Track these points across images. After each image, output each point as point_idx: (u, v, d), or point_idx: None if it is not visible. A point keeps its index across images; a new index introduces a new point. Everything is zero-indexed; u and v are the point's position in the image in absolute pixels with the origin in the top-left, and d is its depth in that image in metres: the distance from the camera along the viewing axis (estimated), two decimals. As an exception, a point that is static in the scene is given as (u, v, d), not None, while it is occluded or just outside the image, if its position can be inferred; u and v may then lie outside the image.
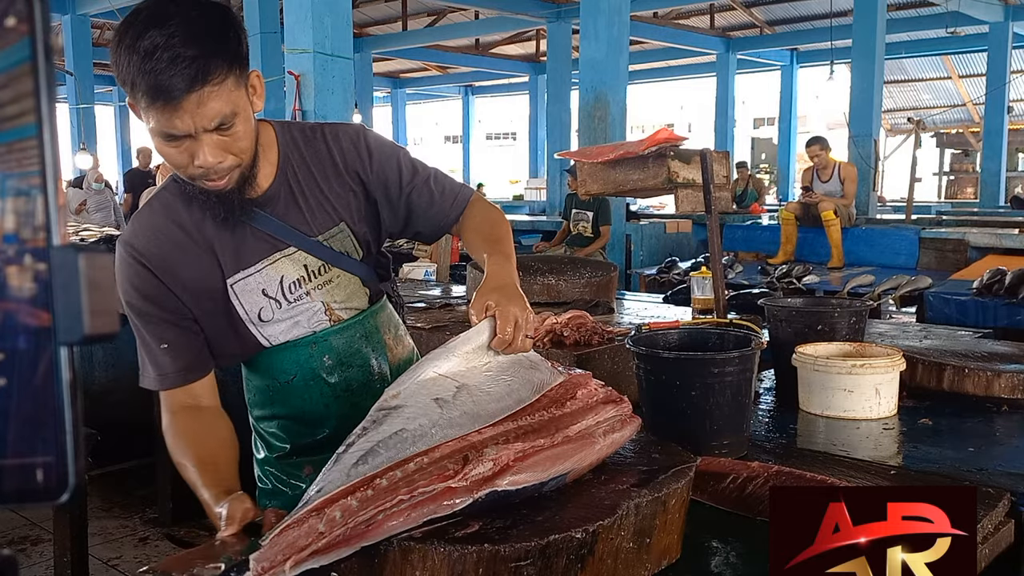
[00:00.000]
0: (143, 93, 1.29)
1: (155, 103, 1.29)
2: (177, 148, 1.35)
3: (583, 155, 2.83)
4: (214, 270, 1.53)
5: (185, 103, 1.29)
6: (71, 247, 0.45)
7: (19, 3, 0.45)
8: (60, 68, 11.78)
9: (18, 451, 0.46)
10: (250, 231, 1.52)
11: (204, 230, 1.51)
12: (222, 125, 1.35)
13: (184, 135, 1.33)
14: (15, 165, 0.46)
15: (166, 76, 1.27)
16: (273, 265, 1.54)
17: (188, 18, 1.30)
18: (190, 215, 1.51)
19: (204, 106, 1.31)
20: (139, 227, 1.53)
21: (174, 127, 1.31)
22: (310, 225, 1.56)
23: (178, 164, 1.39)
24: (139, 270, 1.50)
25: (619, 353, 2.50)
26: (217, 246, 1.52)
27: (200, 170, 1.38)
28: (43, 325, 0.45)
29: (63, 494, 0.46)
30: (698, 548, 1.42)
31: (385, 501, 1.15)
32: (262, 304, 1.55)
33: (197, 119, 1.31)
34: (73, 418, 0.46)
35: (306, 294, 1.57)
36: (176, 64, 1.27)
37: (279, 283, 1.55)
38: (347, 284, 1.61)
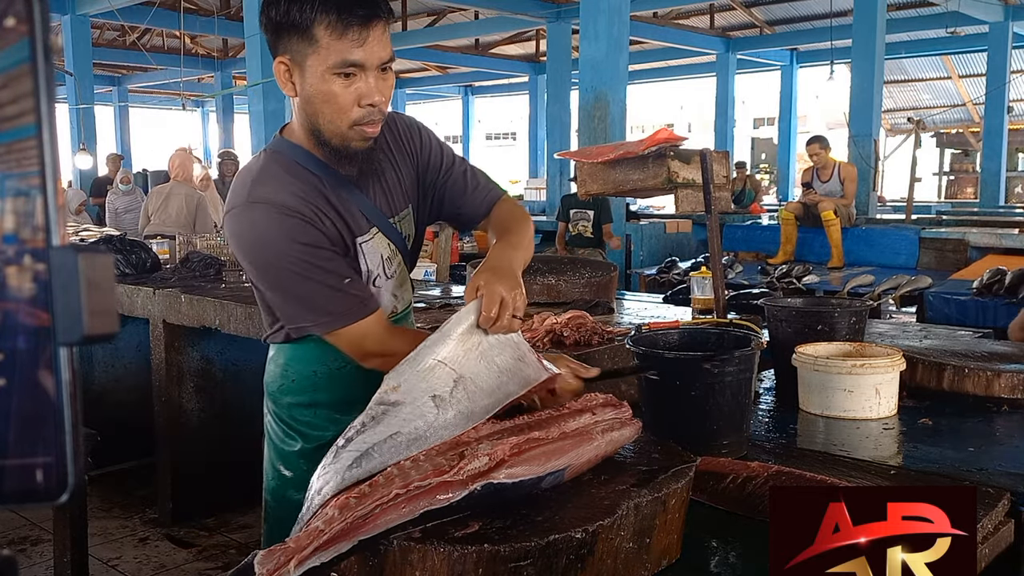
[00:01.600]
0: (332, 26, 1.39)
1: (346, 32, 1.40)
2: (347, 87, 1.44)
3: (583, 155, 2.83)
4: (345, 227, 1.57)
5: (371, 31, 1.42)
6: (71, 247, 0.45)
7: (19, 3, 0.45)
8: (60, 68, 11.78)
9: (18, 451, 0.46)
10: (350, 203, 1.57)
11: (314, 191, 1.54)
12: (389, 61, 1.47)
13: (361, 65, 1.42)
14: (15, 165, 0.46)
15: (357, 6, 1.40)
16: (376, 237, 1.61)
17: None
18: (304, 181, 1.54)
19: (382, 39, 1.44)
20: (272, 188, 1.52)
21: (357, 55, 1.41)
22: (388, 204, 1.62)
23: (344, 105, 1.45)
24: (296, 223, 1.50)
25: (619, 353, 2.50)
26: (340, 207, 1.56)
27: (366, 110, 1.46)
28: (43, 325, 0.45)
29: (63, 494, 0.46)
30: (698, 548, 1.42)
31: (381, 496, 1.15)
32: (376, 270, 1.61)
33: (376, 50, 1.43)
34: (73, 418, 0.46)
35: (388, 277, 1.64)
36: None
37: (386, 257, 1.63)
38: (403, 273, 1.68)
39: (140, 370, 4.62)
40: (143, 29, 15.24)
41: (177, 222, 6.49)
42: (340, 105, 1.45)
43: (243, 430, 4.03)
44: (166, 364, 4.04)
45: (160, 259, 4.70)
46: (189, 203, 6.67)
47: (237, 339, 3.93)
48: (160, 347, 4.04)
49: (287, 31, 1.43)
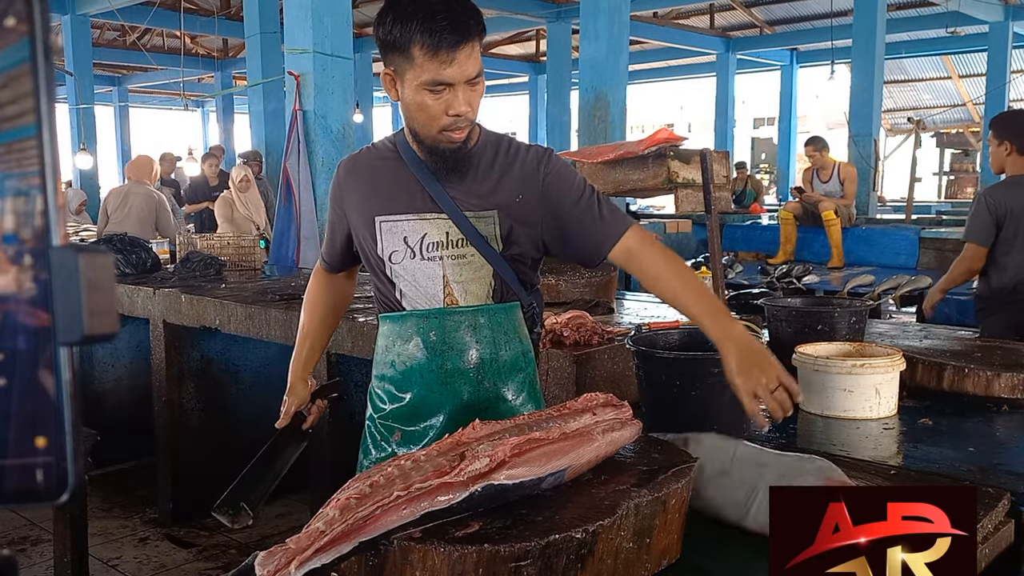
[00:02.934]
0: (425, 47, 1.58)
1: (437, 54, 1.58)
2: (437, 99, 1.62)
3: (583, 155, 2.83)
4: (373, 205, 1.79)
5: (460, 53, 1.59)
6: (70, 247, 0.45)
7: (19, 3, 0.45)
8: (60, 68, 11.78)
9: (18, 451, 0.46)
10: (418, 185, 1.75)
11: (383, 171, 1.80)
12: (476, 77, 1.64)
13: (449, 84, 1.61)
14: (15, 165, 0.46)
15: (448, 31, 1.58)
16: (421, 221, 1.75)
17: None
18: (380, 159, 1.82)
19: (470, 58, 1.61)
20: (349, 158, 1.90)
21: (446, 75, 1.60)
22: (467, 201, 1.75)
23: (434, 114, 1.64)
24: (334, 189, 1.88)
25: (619, 353, 2.50)
26: (385, 186, 1.79)
27: (453, 118, 1.64)
28: (43, 325, 0.45)
29: (63, 494, 0.46)
30: (698, 548, 1.42)
31: (382, 497, 1.15)
32: (396, 248, 1.76)
33: (464, 69, 1.61)
34: (73, 418, 0.46)
35: (438, 259, 1.75)
36: (456, 23, 1.59)
37: (420, 238, 1.75)
38: (477, 267, 1.75)
39: (140, 370, 4.62)
40: (143, 29, 15.23)
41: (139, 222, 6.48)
42: (431, 115, 1.65)
43: (243, 430, 4.03)
44: (166, 364, 4.04)
45: (160, 259, 4.70)
46: (148, 203, 6.67)
47: (237, 339, 3.93)
48: (160, 347, 4.04)
49: (390, 47, 1.64)
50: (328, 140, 5.59)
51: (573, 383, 2.40)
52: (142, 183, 6.79)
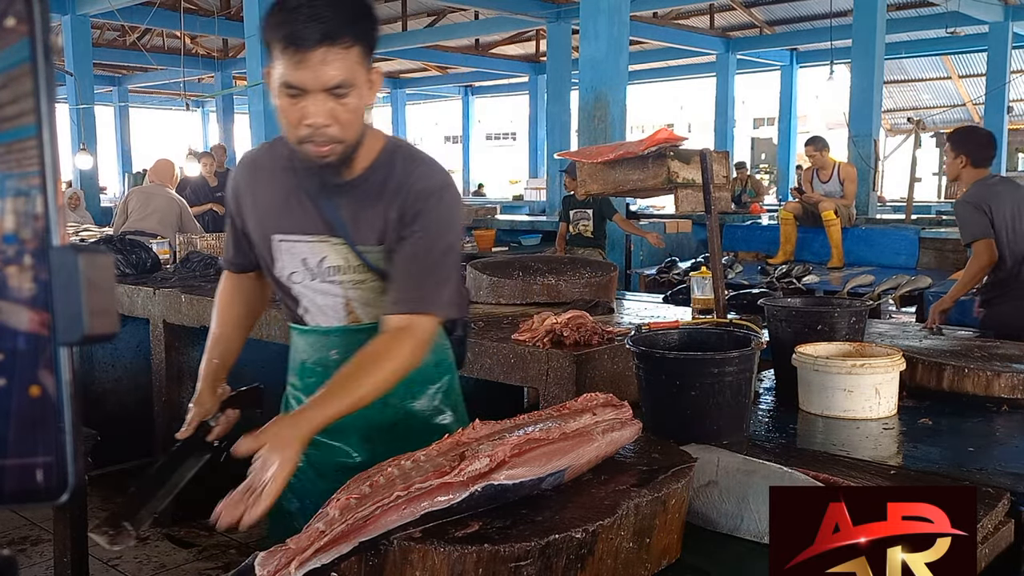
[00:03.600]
0: (279, 42, 1.45)
1: (287, 50, 1.44)
2: (294, 105, 1.48)
3: (583, 155, 2.83)
4: (269, 220, 1.69)
5: (312, 55, 1.43)
6: (71, 247, 0.45)
7: (19, 3, 0.45)
8: (60, 68, 11.77)
9: (18, 451, 0.46)
10: (313, 205, 1.64)
11: (278, 182, 1.67)
12: (338, 87, 1.46)
13: (302, 88, 1.45)
14: (15, 165, 0.46)
15: (300, 26, 1.43)
16: (321, 244, 1.66)
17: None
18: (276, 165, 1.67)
19: (327, 64, 1.44)
20: (248, 157, 1.78)
21: (296, 78, 1.45)
22: (359, 232, 1.64)
23: (290, 121, 1.50)
24: (232, 192, 1.75)
25: (619, 353, 2.50)
26: (280, 200, 1.67)
27: (307, 130, 1.49)
28: (43, 325, 0.45)
29: (63, 494, 0.46)
30: (698, 548, 1.42)
31: (382, 497, 1.15)
32: (295, 268, 1.68)
33: (319, 74, 1.44)
34: (73, 418, 0.46)
35: (339, 283, 1.67)
36: (312, 19, 1.43)
37: (319, 260, 1.67)
38: (378, 290, 1.67)
39: (140, 370, 4.62)
40: (143, 29, 15.23)
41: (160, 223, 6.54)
42: (288, 121, 1.51)
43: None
44: (166, 364, 4.04)
45: (160, 259, 4.70)
46: (171, 205, 6.77)
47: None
48: (160, 347, 4.04)
49: (266, 43, 1.50)
50: (328, 140, 5.58)
51: (573, 383, 2.40)
52: (164, 187, 6.92)
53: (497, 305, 3.34)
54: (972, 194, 3.99)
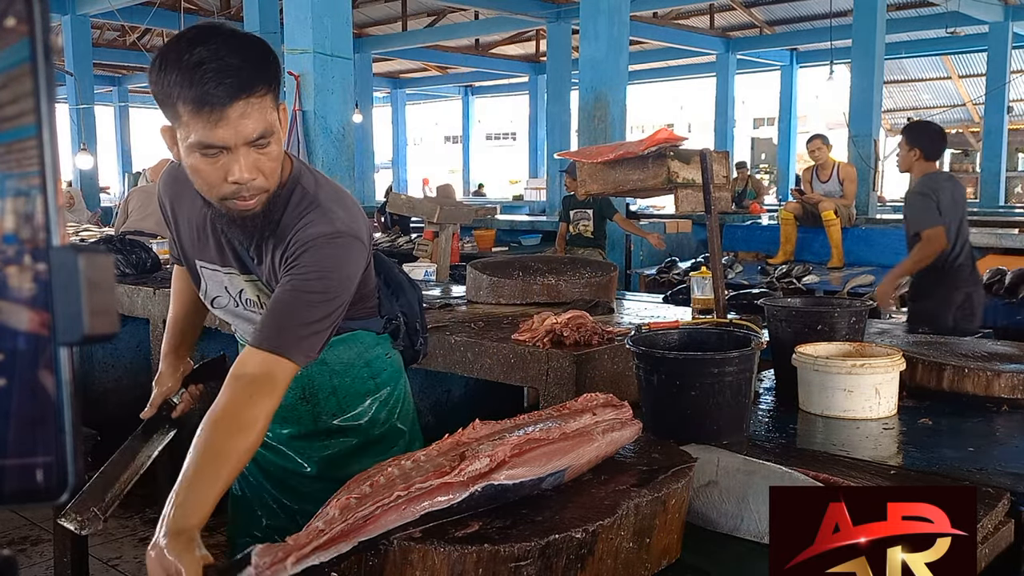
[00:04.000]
0: (188, 103, 1.33)
1: (201, 112, 1.33)
2: (213, 164, 1.38)
3: (583, 155, 2.83)
4: (192, 245, 1.67)
5: (230, 111, 1.34)
6: (71, 247, 0.45)
7: (19, 3, 0.45)
8: (60, 68, 11.77)
9: (18, 451, 0.46)
10: (228, 242, 1.61)
11: (199, 207, 1.60)
12: (260, 139, 1.39)
13: (223, 147, 1.36)
14: (15, 165, 0.46)
15: (213, 85, 1.31)
16: (237, 277, 1.65)
17: (230, 37, 1.36)
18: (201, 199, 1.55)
19: (247, 117, 1.35)
20: (173, 176, 1.68)
21: (216, 137, 1.35)
22: (264, 272, 1.60)
23: (212, 182, 1.41)
24: (161, 199, 1.72)
25: (619, 353, 2.50)
26: (201, 227, 1.63)
27: (233, 187, 1.41)
28: (43, 325, 0.45)
29: (63, 494, 0.46)
30: (698, 548, 1.42)
31: (383, 497, 1.15)
32: (219, 294, 1.69)
33: (240, 129, 1.35)
34: (73, 418, 0.46)
35: (259, 311, 1.64)
36: (223, 73, 1.32)
37: (239, 292, 1.67)
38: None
39: (140, 370, 4.61)
40: (143, 29, 15.22)
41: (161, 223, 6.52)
42: (208, 181, 1.42)
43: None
44: (166, 364, 4.03)
45: (160, 259, 4.70)
46: None
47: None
48: (160, 347, 4.04)
49: (160, 102, 1.38)
50: (328, 140, 5.59)
51: (573, 383, 2.40)
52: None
53: (497, 305, 3.34)
54: (923, 184, 4.26)
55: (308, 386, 1.79)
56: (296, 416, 1.80)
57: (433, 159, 30.54)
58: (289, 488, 1.86)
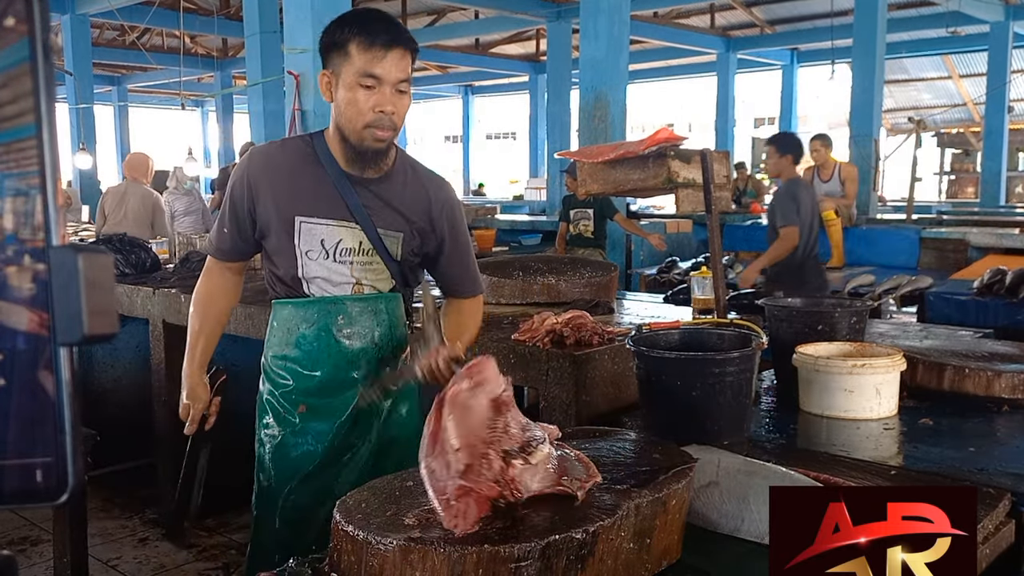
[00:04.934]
0: (362, 41, 1.77)
1: (372, 47, 1.77)
2: (368, 95, 1.79)
3: (583, 155, 2.83)
4: (293, 204, 1.91)
5: (393, 51, 1.79)
6: (70, 247, 0.45)
7: (19, 3, 0.44)
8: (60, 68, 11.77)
9: (18, 451, 0.46)
10: (337, 193, 1.90)
11: (302, 172, 1.91)
12: (403, 83, 1.82)
13: (380, 78, 1.78)
14: (15, 165, 0.46)
15: (383, 32, 1.79)
16: (339, 228, 1.91)
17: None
18: (298, 159, 1.92)
19: (403, 60, 1.81)
20: (261, 153, 1.98)
21: (378, 67, 1.77)
22: (381, 218, 1.93)
23: (363, 109, 1.80)
24: (244, 179, 1.93)
25: (619, 353, 2.50)
26: (305, 188, 1.90)
27: (378, 115, 1.80)
28: (43, 325, 0.45)
29: (63, 494, 0.46)
30: (698, 548, 1.41)
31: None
32: (312, 247, 1.91)
33: (397, 67, 1.80)
34: (73, 418, 0.46)
35: (350, 263, 1.93)
36: (392, 27, 1.82)
37: (336, 243, 1.92)
38: (381, 271, 1.96)
39: (140, 370, 4.61)
40: (143, 29, 15.22)
41: (135, 222, 6.43)
42: (359, 108, 1.80)
43: (243, 430, 4.03)
44: (166, 364, 4.03)
45: (160, 259, 4.70)
46: (145, 203, 6.60)
47: (237, 339, 3.92)
48: (160, 347, 4.04)
49: (332, 49, 1.82)
50: (328, 140, 5.58)
51: (573, 383, 2.40)
52: (139, 182, 6.73)
53: (497, 305, 3.34)
54: (791, 186, 4.91)
55: (373, 332, 1.98)
56: (365, 361, 1.97)
57: (433, 159, 30.54)
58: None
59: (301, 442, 1.97)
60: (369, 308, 1.97)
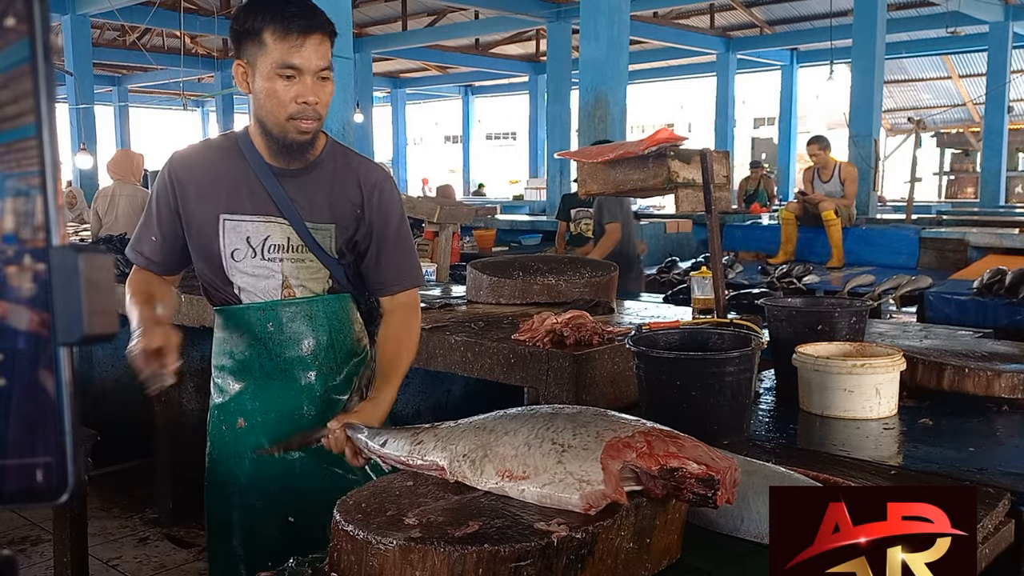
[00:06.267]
0: (277, 31, 1.66)
1: (287, 36, 1.67)
2: (287, 86, 1.69)
3: (583, 155, 2.83)
4: (217, 202, 1.81)
5: (308, 41, 1.68)
6: (70, 247, 0.45)
7: (19, 3, 0.45)
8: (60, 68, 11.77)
9: (18, 451, 0.46)
10: (261, 188, 1.81)
11: (225, 168, 1.82)
12: (324, 71, 1.72)
13: (299, 69, 1.68)
14: (15, 165, 0.46)
15: (299, 18, 1.67)
16: (265, 224, 1.82)
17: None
18: (220, 156, 1.85)
19: (322, 47, 1.70)
20: (183, 154, 1.88)
21: (296, 57, 1.68)
22: (308, 211, 1.82)
23: (283, 100, 1.70)
24: (168, 181, 1.84)
25: (619, 353, 2.50)
26: (228, 184, 1.82)
27: (300, 107, 1.70)
28: (43, 325, 0.45)
29: (63, 494, 0.46)
30: (698, 548, 1.41)
31: None
32: (239, 246, 1.82)
33: (316, 56, 1.69)
34: (73, 418, 0.46)
35: (279, 260, 1.82)
36: (307, 10, 1.70)
37: (263, 240, 1.82)
38: (315, 270, 1.85)
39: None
40: (143, 29, 15.23)
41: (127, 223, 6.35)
42: (280, 100, 1.71)
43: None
44: (166, 364, 4.03)
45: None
46: (133, 203, 6.50)
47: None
48: (160, 347, 4.03)
49: (244, 36, 1.71)
50: (328, 140, 5.57)
51: (573, 383, 2.40)
52: (127, 182, 6.63)
53: (497, 305, 3.34)
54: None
55: (311, 338, 1.87)
56: (301, 370, 1.88)
57: (433, 159, 30.52)
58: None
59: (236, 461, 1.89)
60: (302, 312, 1.84)
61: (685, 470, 1.24)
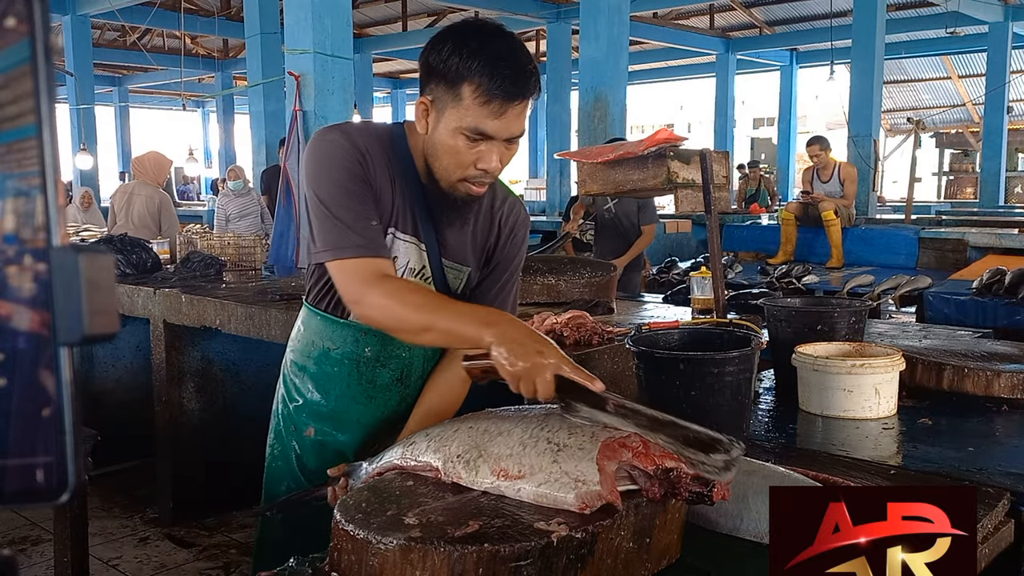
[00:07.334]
0: (480, 91, 1.44)
1: (490, 102, 1.44)
2: (471, 148, 1.49)
3: (583, 155, 2.84)
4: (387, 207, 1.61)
5: (512, 108, 1.46)
6: (71, 247, 0.45)
7: (19, 3, 0.45)
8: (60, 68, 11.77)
9: (18, 451, 0.46)
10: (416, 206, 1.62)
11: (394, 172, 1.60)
12: (518, 137, 1.52)
13: (489, 137, 1.48)
14: (15, 165, 0.46)
15: (509, 82, 1.44)
16: (410, 246, 1.64)
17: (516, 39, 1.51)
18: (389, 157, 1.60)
19: (520, 116, 1.49)
20: (359, 129, 1.62)
21: (491, 128, 1.47)
22: (449, 248, 1.67)
23: (463, 163, 1.51)
24: (358, 157, 1.56)
25: (619, 353, 2.50)
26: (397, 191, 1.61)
27: (479, 172, 1.52)
28: (43, 325, 0.45)
29: (63, 494, 0.46)
30: (698, 548, 1.41)
31: None
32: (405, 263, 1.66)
33: (512, 125, 1.48)
34: (73, 418, 0.46)
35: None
36: (520, 74, 1.45)
37: (405, 262, 1.65)
38: None
39: (140, 370, 4.62)
40: (143, 29, 15.24)
41: (141, 223, 6.37)
42: (459, 162, 1.51)
43: (243, 430, 4.03)
44: (166, 364, 4.04)
45: (160, 259, 4.70)
46: (151, 204, 6.50)
47: (237, 339, 3.93)
48: (160, 347, 4.04)
49: (439, 76, 1.48)
50: (328, 140, 5.57)
51: (573, 383, 2.40)
52: (148, 183, 6.63)
53: (497, 305, 3.34)
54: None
55: (406, 368, 1.74)
56: (386, 399, 1.75)
57: (433, 159, 30.42)
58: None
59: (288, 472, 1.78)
60: (395, 344, 1.69)
61: (681, 469, 1.24)
